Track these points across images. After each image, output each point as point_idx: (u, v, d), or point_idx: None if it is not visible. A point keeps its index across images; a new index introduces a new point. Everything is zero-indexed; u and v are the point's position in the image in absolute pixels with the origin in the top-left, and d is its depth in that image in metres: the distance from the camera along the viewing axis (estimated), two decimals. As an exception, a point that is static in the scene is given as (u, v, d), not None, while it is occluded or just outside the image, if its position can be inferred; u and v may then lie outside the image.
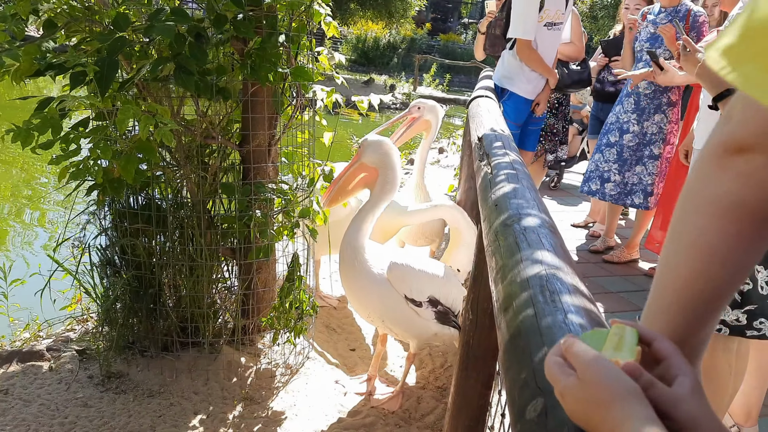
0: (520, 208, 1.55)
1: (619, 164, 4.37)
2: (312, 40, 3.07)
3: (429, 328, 2.85)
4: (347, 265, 2.78)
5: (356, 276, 2.76)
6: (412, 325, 2.83)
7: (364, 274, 2.74)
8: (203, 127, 2.82)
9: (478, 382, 1.97)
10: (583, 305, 0.97)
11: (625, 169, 4.37)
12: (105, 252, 2.95)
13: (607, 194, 4.45)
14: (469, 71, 24.39)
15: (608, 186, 4.43)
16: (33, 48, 2.28)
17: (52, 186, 7.53)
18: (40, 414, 2.58)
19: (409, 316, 2.79)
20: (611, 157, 4.40)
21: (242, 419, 2.70)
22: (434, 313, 2.83)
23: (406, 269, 2.78)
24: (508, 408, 0.88)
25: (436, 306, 2.84)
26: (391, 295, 2.74)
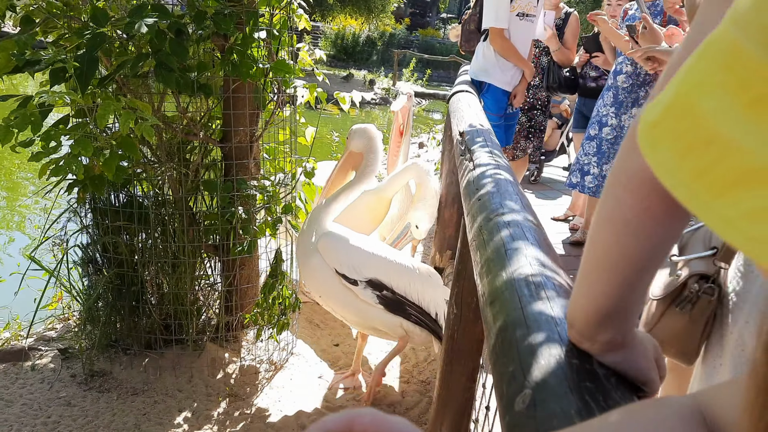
0: (503, 202, 1.57)
1: (598, 157, 4.43)
2: (293, 36, 3.06)
3: (372, 314, 2.70)
4: (302, 237, 2.79)
5: (304, 247, 2.75)
6: (350, 305, 2.70)
7: (308, 245, 2.72)
8: (184, 123, 2.80)
9: (462, 375, 1.99)
10: (568, 298, 0.99)
11: (602, 162, 4.42)
12: (86, 250, 2.93)
13: (586, 187, 4.50)
14: (448, 66, 24.42)
15: (587, 179, 4.48)
16: (10, 44, 2.24)
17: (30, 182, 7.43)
18: (22, 414, 2.55)
19: (345, 294, 2.67)
20: (591, 150, 4.45)
21: (227, 416, 2.70)
22: (377, 297, 2.67)
23: (337, 241, 2.66)
24: (497, 400, 0.90)
25: (380, 290, 2.66)
26: (322, 267, 2.66)
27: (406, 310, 2.72)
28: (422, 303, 2.73)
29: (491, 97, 4.33)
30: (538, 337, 0.87)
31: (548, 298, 0.98)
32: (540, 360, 0.82)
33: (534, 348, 0.85)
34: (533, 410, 0.76)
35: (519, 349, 0.88)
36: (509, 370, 0.88)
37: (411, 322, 2.74)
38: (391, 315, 2.72)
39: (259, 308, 2.98)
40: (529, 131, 5.27)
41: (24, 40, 2.23)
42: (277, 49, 2.96)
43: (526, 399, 0.78)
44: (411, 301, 2.72)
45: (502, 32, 4.13)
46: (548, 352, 0.82)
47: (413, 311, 2.73)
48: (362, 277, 2.63)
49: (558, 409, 0.72)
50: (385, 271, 2.67)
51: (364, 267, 2.65)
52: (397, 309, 2.72)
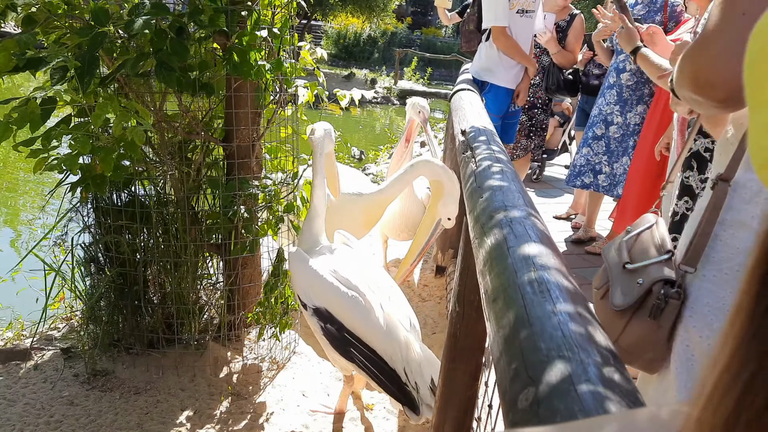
0: (506, 200, 1.56)
1: (608, 156, 4.44)
2: (294, 35, 3.06)
3: (326, 345, 2.46)
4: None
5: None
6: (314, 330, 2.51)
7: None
8: (186, 122, 2.80)
9: (465, 373, 1.98)
10: (571, 295, 0.99)
11: (613, 161, 4.43)
12: (89, 249, 2.93)
13: (600, 185, 4.51)
14: (449, 65, 24.43)
15: (600, 177, 4.50)
16: (11, 43, 2.24)
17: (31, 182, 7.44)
18: (25, 413, 2.56)
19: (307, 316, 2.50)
20: (600, 150, 4.47)
21: (230, 415, 2.70)
22: (321, 329, 2.40)
23: (296, 261, 2.46)
24: (500, 398, 0.89)
25: (325, 322, 2.38)
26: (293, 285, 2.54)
27: (350, 353, 2.36)
28: (385, 355, 2.30)
29: (492, 96, 4.33)
30: (542, 334, 0.87)
31: (551, 295, 0.98)
32: (543, 358, 0.81)
33: (537, 345, 0.85)
34: (536, 408, 0.75)
35: (522, 347, 0.88)
36: (512, 368, 0.88)
37: (361, 370, 2.37)
38: (338, 355, 2.42)
39: (261, 307, 2.98)
40: (530, 130, 5.27)
41: (25, 39, 2.23)
42: (279, 48, 2.95)
43: (529, 397, 0.78)
44: (367, 346, 2.32)
45: (505, 30, 4.13)
46: (551, 350, 0.82)
47: (363, 358, 2.33)
48: (311, 303, 2.41)
49: (562, 407, 0.71)
50: (339, 307, 2.35)
51: (312, 293, 2.41)
52: (346, 353, 2.37)
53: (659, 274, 1.20)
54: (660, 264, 1.22)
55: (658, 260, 1.23)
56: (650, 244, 1.29)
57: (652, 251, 1.27)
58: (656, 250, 1.27)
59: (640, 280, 1.22)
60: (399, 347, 2.27)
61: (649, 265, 1.23)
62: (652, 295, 1.19)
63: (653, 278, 1.20)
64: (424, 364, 2.29)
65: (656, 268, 1.22)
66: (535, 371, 0.80)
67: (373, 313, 2.31)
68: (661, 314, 1.17)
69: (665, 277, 1.19)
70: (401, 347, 2.27)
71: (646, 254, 1.27)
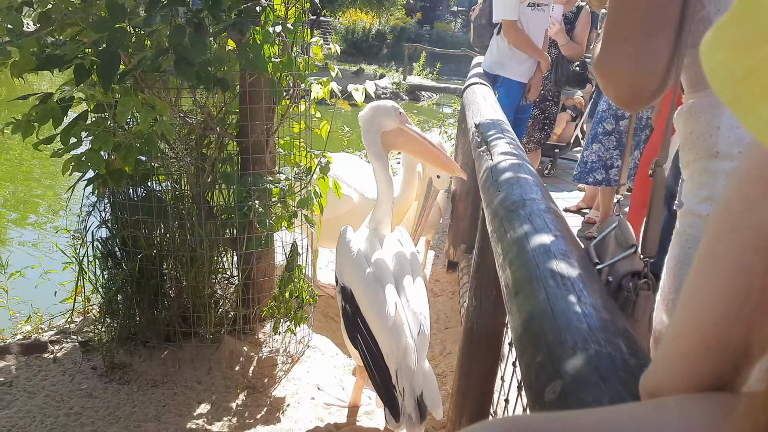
0: (523, 193, 1.57)
1: (620, 150, 4.44)
2: (307, 30, 3.07)
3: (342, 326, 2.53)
4: None
5: None
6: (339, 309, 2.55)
7: None
8: (201, 118, 2.82)
9: (482, 368, 2.00)
10: (595, 288, 0.99)
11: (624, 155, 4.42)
12: (106, 244, 2.95)
13: (612, 180, 4.51)
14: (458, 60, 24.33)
15: (612, 172, 4.50)
16: (31, 41, 2.27)
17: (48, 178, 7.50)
18: (45, 405, 2.59)
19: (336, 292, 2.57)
20: (611, 145, 4.46)
21: (245, 408, 2.72)
22: (341, 308, 2.48)
23: (341, 236, 2.53)
24: (525, 391, 0.90)
25: (346, 302, 2.43)
26: None
27: (357, 339, 2.39)
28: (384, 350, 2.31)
29: (505, 90, 4.33)
30: (567, 327, 0.87)
31: (575, 288, 0.98)
32: (569, 350, 0.82)
33: (562, 338, 0.86)
34: (564, 400, 0.76)
35: (547, 340, 0.89)
36: (537, 361, 0.88)
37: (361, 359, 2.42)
38: (347, 336, 2.48)
39: (276, 301, 3.00)
40: (543, 123, 5.26)
41: (44, 37, 2.24)
42: (292, 44, 2.96)
43: (556, 389, 0.79)
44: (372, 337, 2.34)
45: (515, 23, 4.14)
46: (577, 342, 0.83)
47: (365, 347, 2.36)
48: (341, 279, 2.48)
49: (590, 399, 0.72)
50: (360, 289, 2.39)
51: (345, 271, 2.47)
52: (352, 333, 2.43)
53: (626, 268, 1.21)
54: (625, 259, 1.23)
55: (623, 256, 1.24)
56: (614, 244, 1.30)
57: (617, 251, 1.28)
58: (620, 247, 1.28)
59: (609, 278, 1.23)
60: (397, 349, 2.26)
61: (615, 261, 1.24)
62: (622, 290, 1.19)
63: (621, 273, 1.21)
64: (417, 374, 2.25)
65: (623, 264, 1.23)
66: (561, 364, 0.81)
67: (385, 308, 2.31)
68: (635, 307, 1.18)
69: (632, 270, 1.19)
70: (399, 350, 2.26)
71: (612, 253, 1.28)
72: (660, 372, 0.65)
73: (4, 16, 2.37)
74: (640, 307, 1.17)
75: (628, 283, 1.18)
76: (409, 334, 2.27)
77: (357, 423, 2.73)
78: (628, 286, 1.18)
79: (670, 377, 0.62)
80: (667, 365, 0.64)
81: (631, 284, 1.18)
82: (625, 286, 1.18)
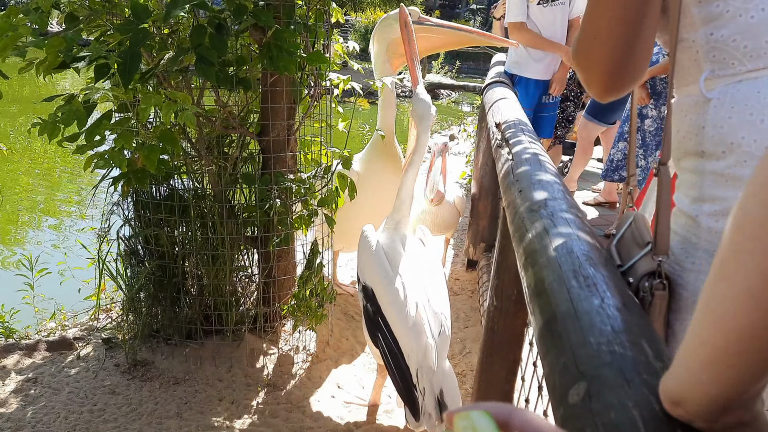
0: (545, 193, 1.56)
1: (643, 149, 4.40)
2: (329, 28, 3.08)
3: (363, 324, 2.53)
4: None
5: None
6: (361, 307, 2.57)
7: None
8: (223, 117, 2.84)
9: (502, 368, 1.99)
10: (618, 289, 0.99)
11: (648, 154, 4.39)
12: (129, 242, 2.99)
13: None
14: (477, 57, 24.24)
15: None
16: (58, 41, 2.30)
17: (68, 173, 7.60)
18: (69, 401, 2.63)
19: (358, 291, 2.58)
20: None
21: (266, 405, 2.74)
22: (363, 306, 2.49)
23: (362, 235, 2.55)
24: (549, 392, 0.89)
25: (367, 301, 2.44)
26: None
27: (377, 338, 2.39)
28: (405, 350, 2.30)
29: (522, 89, 4.33)
30: (590, 328, 0.87)
31: (598, 289, 0.97)
32: (593, 351, 0.81)
33: (586, 339, 0.85)
34: (588, 402, 0.75)
35: (570, 341, 0.88)
36: (561, 362, 0.88)
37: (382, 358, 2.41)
38: (368, 334, 2.49)
39: (296, 299, 3.01)
40: (561, 122, 5.23)
41: (71, 36, 2.27)
42: (314, 43, 2.97)
43: (580, 391, 0.78)
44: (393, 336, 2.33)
45: (521, 25, 4.14)
46: (601, 344, 0.82)
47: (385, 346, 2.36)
48: (363, 278, 2.50)
49: (615, 401, 0.71)
50: (378, 284, 2.40)
51: (366, 270, 2.48)
52: (373, 332, 2.43)
53: (644, 269, 1.19)
54: (644, 258, 1.21)
55: (641, 255, 1.23)
56: (632, 242, 1.29)
57: (635, 249, 1.27)
58: (637, 245, 1.27)
59: (630, 279, 1.21)
60: (418, 349, 2.27)
61: (635, 262, 1.23)
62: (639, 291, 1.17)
63: (639, 275, 1.19)
64: (438, 373, 2.26)
65: (641, 264, 1.21)
66: (585, 366, 0.80)
67: (405, 308, 2.32)
68: (650, 307, 1.16)
69: (648, 270, 1.18)
70: (419, 350, 2.26)
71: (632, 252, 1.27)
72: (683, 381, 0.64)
73: (33, 17, 2.40)
74: (656, 307, 1.16)
75: (644, 284, 1.16)
76: (430, 334, 2.27)
77: (377, 421, 2.74)
78: (644, 286, 1.16)
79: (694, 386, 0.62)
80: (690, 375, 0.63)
81: (647, 284, 1.16)
82: (641, 287, 1.17)
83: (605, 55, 1.09)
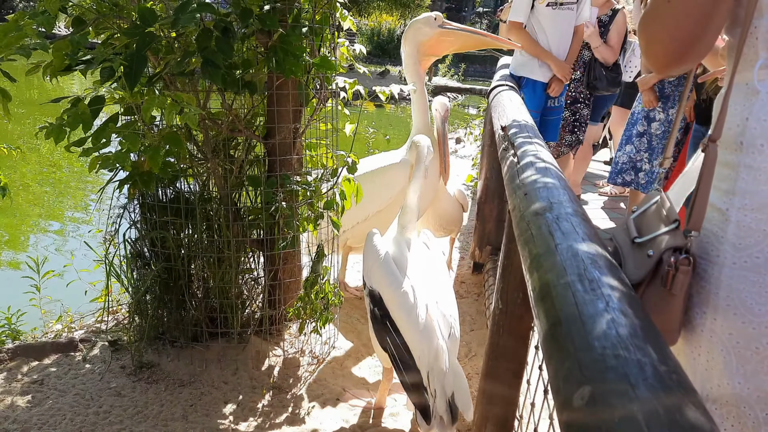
0: (550, 196, 1.55)
1: (649, 153, 4.39)
2: (335, 32, 3.08)
3: (370, 328, 2.53)
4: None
5: None
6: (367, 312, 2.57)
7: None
8: (229, 120, 2.85)
9: (508, 371, 1.98)
10: (623, 294, 0.98)
11: (653, 158, 4.37)
12: (135, 244, 3.00)
13: (639, 183, 4.46)
14: (484, 60, 24.21)
15: (640, 175, 4.46)
16: (64, 44, 2.31)
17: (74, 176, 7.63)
18: (75, 403, 2.63)
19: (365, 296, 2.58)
20: (642, 147, 4.42)
21: (271, 408, 2.74)
22: (370, 311, 2.49)
23: (368, 240, 2.55)
24: (553, 396, 0.89)
25: (374, 305, 2.43)
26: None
27: (386, 341, 2.39)
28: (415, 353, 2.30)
29: (529, 91, 4.31)
30: (595, 332, 0.86)
31: (603, 293, 0.97)
32: (597, 357, 0.81)
33: (590, 343, 0.85)
34: (593, 406, 0.75)
35: (575, 345, 0.88)
36: (565, 366, 0.87)
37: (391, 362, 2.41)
38: (376, 340, 2.48)
39: (302, 302, 3.01)
40: (573, 125, 5.21)
41: (77, 39, 2.28)
42: (320, 46, 2.98)
43: (585, 395, 0.78)
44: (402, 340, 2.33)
45: (518, 25, 4.15)
46: (606, 348, 0.82)
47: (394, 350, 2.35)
48: (369, 283, 2.49)
49: (619, 406, 0.71)
50: (386, 288, 2.40)
51: (368, 271, 2.49)
52: (381, 336, 2.43)
53: (668, 243, 1.21)
54: (668, 234, 1.23)
55: (666, 230, 1.24)
56: (656, 218, 1.30)
57: (659, 224, 1.28)
58: (663, 222, 1.28)
59: (650, 251, 1.23)
60: (429, 351, 2.26)
61: (658, 236, 1.24)
62: (662, 264, 1.20)
63: (662, 248, 1.21)
64: (448, 375, 2.26)
65: (665, 239, 1.23)
66: (589, 370, 0.80)
67: (415, 311, 2.32)
68: (673, 281, 1.18)
69: (674, 245, 1.19)
70: (430, 352, 2.26)
71: (653, 227, 1.28)
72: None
73: (40, 20, 2.41)
74: (679, 282, 1.18)
75: (669, 258, 1.18)
76: (441, 336, 2.27)
77: (382, 425, 2.73)
78: (669, 260, 1.18)
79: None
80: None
81: (672, 259, 1.18)
82: (666, 261, 1.19)
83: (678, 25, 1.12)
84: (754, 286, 1.12)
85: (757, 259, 1.12)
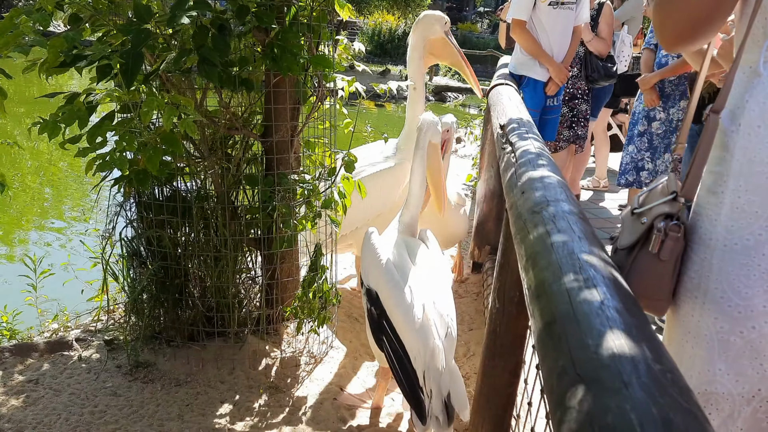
0: (547, 194, 1.54)
1: (651, 152, 4.39)
2: (333, 30, 3.07)
3: (367, 327, 2.54)
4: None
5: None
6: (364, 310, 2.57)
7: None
8: (226, 118, 2.83)
9: (505, 370, 1.97)
10: (619, 292, 0.97)
11: (656, 157, 4.38)
12: (131, 243, 2.98)
13: (643, 183, 4.47)
14: (485, 60, 24.20)
15: (643, 174, 4.46)
16: (59, 41, 2.29)
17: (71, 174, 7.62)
18: (70, 403, 2.62)
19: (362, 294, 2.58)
20: (643, 146, 4.43)
21: (268, 408, 2.72)
22: (367, 310, 2.48)
23: (366, 239, 2.55)
24: (546, 396, 0.88)
25: (371, 304, 2.44)
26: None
27: (382, 341, 2.38)
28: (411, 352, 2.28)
29: (530, 90, 4.30)
30: (589, 331, 0.85)
31: (598, 291, 0.96)
32: (592, 355, 0.80)
33: (584, 341, 0.84)
34: (586, 406, 0.74)
35: (569, 344, 0.86)
36: (559, 365, 0.86)
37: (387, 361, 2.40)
38: (372, 338, 2.48)
39: (300, 302, 3.00)
40: (572, 121, 5.20)
41: (72, 36, 2.27)
42: (317, 43, 2.96)
43: (578, 394, 0.77)
44: (399, 339, 2.31)
45: (522, 24, 4.12)
46: (600, 346, 0.81)
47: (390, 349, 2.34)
48: (366, 282, 2.48)
49: (612, 405, 0.70)
50: (383, 287, 2.38)
51: (367, 270, 2.49)
52: (378, 335, 2.42)
53: (660, 211, 1.24)
54: (663, 203, 1.25)
55: (663, 201, 1.26)
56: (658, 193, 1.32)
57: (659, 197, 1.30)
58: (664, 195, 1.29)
59: (644, 219, 1.26)
60: (425, 351, 2.25)
61: (654, 206, 1.27)
62: (653, 230, 1.22)
63: (654, 215, 1.24)
64: (445, 375, 2.24)
65: (659, 207, 1.25)
66: (583, 369, 0.79)
67: (412, 310, 2.30)
68: (662, 247, 1.20)
69: (666, 212, 1.22)
70: (426, 352, 2.24)
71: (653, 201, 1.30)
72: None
73: (35, 17, 2.40)
74: (668, 248, 1.20)
75: (659, 224, 1.20)
76: (437, 335, 2.26)
77: (379, 424, 2.72)
78: (659, 226, 1.20)
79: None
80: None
81: (662, 224, 1.20)
82: (656, 226, 1.21)
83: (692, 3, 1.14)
84: (743, 268, 1.13)
85: (747, 242, 1.13)
